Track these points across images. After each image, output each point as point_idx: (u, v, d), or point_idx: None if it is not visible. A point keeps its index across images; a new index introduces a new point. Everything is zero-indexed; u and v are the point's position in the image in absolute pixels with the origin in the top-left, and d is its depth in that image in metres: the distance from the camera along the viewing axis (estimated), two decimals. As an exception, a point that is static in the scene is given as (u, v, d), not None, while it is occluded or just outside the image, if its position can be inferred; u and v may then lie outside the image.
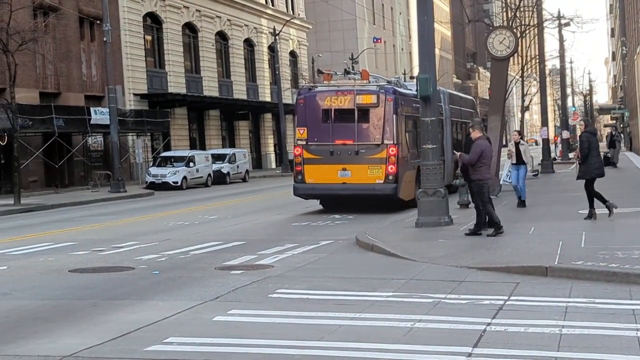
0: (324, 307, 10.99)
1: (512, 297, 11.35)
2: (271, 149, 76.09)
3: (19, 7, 36.41)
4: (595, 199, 20.04)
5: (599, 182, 20.47)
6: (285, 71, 75.48)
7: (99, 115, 45.75)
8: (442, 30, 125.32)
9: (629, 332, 9.19)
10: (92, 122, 45.51)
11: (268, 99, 73.78)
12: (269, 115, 74.83)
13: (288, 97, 73.90)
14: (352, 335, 9.33)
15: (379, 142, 25.37)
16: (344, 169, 25.49)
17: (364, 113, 25.56)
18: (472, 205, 24.14)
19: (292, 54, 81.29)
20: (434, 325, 9.73)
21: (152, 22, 58.37)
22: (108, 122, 43.55)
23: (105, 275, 14.39)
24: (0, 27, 34.67)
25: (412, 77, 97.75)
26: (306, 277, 13.63)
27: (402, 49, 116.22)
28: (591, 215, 19.82)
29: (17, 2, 35.16)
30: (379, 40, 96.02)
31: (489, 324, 9.68)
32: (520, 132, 29.60)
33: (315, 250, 17.22)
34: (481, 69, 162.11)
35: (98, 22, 47.61)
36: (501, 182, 29.95)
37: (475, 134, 18.42)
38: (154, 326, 9.98)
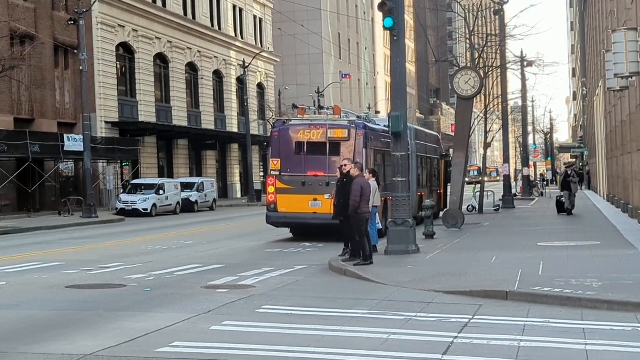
0: (308, 320, 12.19)
1: (476, 316, 12.59)
2: (237, 178, 77.16)
3: (-2, 36, 37.33)
4: None
5: (557, 220, 21.74)
6: (253, 103, 76.75)
7: (72, 142, 46.73)
8: (407, 66, 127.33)
9: (578, 346, 10.47)
10: (65, 148, 46.49)
11: (235, 130, 75.00)
12: (235, 146, 75.97)
13: (254, 129, 75.16)
14: (335, 343, 10.55)
15: (349, 174, 26.49)
16: (315, 199, 26.58)
17: (335, 146, 26.77)
18: (436, 236, 25.57)
19: (260, 86, 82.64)
20: (407, 337, 10.96)
21: (125, 51, 59.46)
22: (81, 149, 44.61)
23: (101, 291, 15.48)
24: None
25: (377, 112, 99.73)
26: (287, 296, 14.80)
27: (367, 84, 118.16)
28: None
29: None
30: (348, 76, 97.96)
31: (455, 337, 10.93)
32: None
33: (291, 273, 18.36)
34: (444, 105, 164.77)
35: (74, 51, 48.54)
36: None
37: (355, 172, 19.57)
38: (158, 333, 11.13)
